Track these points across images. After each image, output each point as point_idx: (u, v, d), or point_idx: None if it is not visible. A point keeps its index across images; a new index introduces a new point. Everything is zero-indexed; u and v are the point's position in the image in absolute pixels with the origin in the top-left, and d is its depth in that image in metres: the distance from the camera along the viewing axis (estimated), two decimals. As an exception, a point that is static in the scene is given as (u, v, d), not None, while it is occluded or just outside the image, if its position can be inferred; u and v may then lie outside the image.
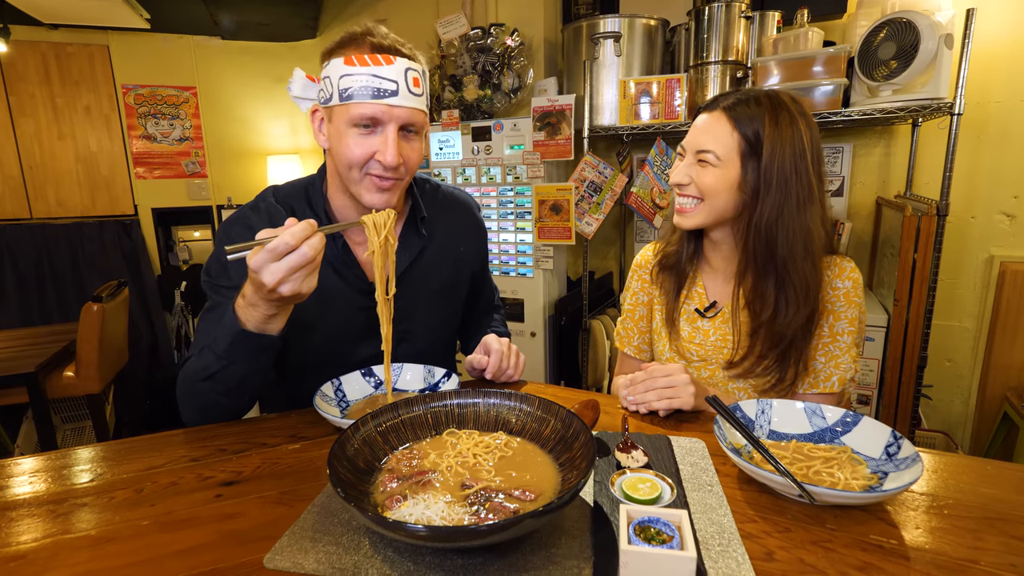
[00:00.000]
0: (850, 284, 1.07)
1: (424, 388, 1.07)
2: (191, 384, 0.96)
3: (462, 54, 2.95)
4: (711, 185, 1.06)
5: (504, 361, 1.14)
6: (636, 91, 2.48)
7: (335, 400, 1.00)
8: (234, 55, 3.91)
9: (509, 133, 2.79)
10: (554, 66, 3.08)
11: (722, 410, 0.84)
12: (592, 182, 2.64)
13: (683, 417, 0.99)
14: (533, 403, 0.83)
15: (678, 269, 1.20)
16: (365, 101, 0.95)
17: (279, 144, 4.10)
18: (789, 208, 1.02)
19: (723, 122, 1.05)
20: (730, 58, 2.30)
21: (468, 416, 0.85)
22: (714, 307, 1.17)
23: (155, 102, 3.75)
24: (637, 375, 1.02)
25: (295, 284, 0.82)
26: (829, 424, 0.85)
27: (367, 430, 0.78)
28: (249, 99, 3.99)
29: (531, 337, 2.87)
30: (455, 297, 1.26)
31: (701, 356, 1.16)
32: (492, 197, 2.89)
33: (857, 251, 2.54)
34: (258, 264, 0.80)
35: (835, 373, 1.07)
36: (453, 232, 1.23)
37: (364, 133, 0.97)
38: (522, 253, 2.88)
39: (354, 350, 1.10)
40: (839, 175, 2.54)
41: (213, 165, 3.91)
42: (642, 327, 1.30)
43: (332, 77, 0.97)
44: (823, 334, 1.08)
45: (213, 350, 0.92)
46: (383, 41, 0.98)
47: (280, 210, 1.08)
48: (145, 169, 3.76)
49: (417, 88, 0.98)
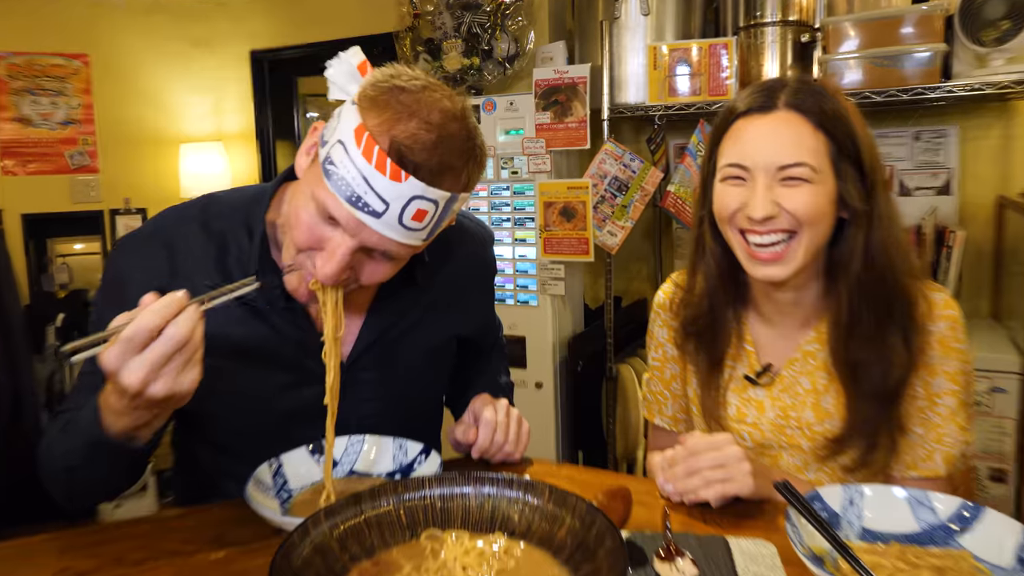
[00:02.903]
0: (945, 325, 1.07)
1: (394, 471, 1.07)
2: (52, 468, 1.00)
3: (441, 12, 3.00)
4: (813, 208, 1.03)
5: (500, 434, 1.13)
6: (670, 59, 2.52)
7: (273, 489, 0.99)
8: (140, 14, 3.95)
9: (504, 114, 2.82)
10: (562, 28, 3.12)
11: (796, 501, 0.84)
12: (615, 178, 2.66)
13: (743, 508, 0.98)
14: (542, 493, 0.82)
15: (713, 331, 1.18)
16: (336, 196, 0.91)
17: (197, 129, 4.13)
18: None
19: (798, 122, 1.05)
20: (792, 18, 2.35)
21: (455, 512, 0.84)
22: (769, 371, 1.17)
23: (33, 74, 3.79)
24: (675, 452, 1.01)
25: (167, 381, 0.80)
26: (941, 520, 0.84)
27: (319, 533, 0.78)
28: (159, 70, 4.03)
29: (536, 390, 2.87)
30: (444, 360, 1.27)
31: (758, 440, 1.16)
32: (482, 199, 2.91)
33: (974, 268, 2.56)
34: (113, 362, 0.78)
35: (937, 449, 1.07)
36: (458, 279, 1.23)
37: (321, 222, 0.95)
38: (522, 273, 2.89)
39: (297, 426, 1.10)
40: (943, 167, 2.58)
41: (107, 157, 3.94)
42: (676, 390, 1.30)
43: (342, 122, 0.93)
44: (916, 395, 1.08)
45: (72, 439, 0.95)
46: (427, 145, 0.90)
47: (197, 239, 1.07)
48: (15, 162, 3.77)
49: (416, 223, 0.93)
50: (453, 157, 0.93)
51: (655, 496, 1.03)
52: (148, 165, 4.03)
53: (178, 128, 4.09)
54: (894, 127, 2.64)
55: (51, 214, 3.83)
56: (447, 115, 0.93)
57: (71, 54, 3.82)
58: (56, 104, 3.82)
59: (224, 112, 4.19)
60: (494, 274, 1.36)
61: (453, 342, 1.27)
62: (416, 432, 1.13)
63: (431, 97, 0.94)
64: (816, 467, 1.13)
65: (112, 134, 3.94)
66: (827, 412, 1.11)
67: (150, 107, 4.03)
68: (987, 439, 2.07)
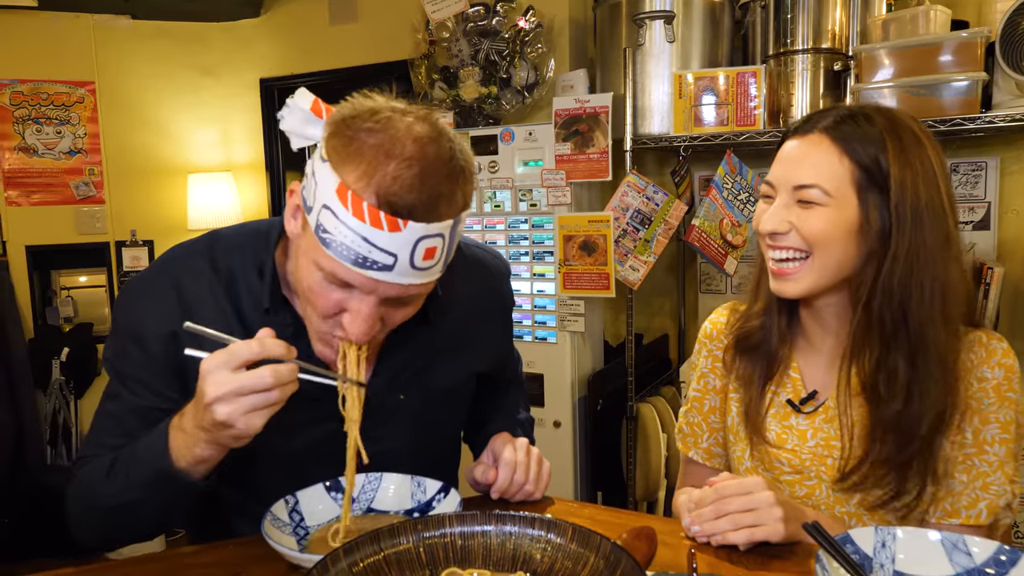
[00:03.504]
0: (1002, 373, 1.10)
1: (412, 509, 1.10)
2: (94, 510, 1.04)
3: (458, 39, 3.08)
4: (822, 231, 1.09)
5: (521, 473, 1.17)
6: (696, 88, 2.57)
7: (290, 526, 1.03)
8: (147, 39, 4.05)
9: (523, 144, 2.88)
10: (583, 55, 3.20)
11: (827, 543, 0.86)
12: (638, 211, 2.71)
13: (772, 550, 1.01)
14: (565, 532, 0.85)
15: (765, 350, 1.24)
16: (341, 262, 0.93)
17: (205, 158, 4.20)
18: (926, 253, 1.07)
19: (825, 146, 1.10)
20: (824, 45, 2.40)
21: (475, 550, 0.87)
22: (814, 399, 1.20)
23: (38, 102, 3.86)
24: (703, 493, 1.04)
25: (242, 410, 0.88)
26: (977, 564, 0.86)
27: (339, 570, 0.81)
28: (166, 98, 4.11)
29: (554, 428, 2.89)
30: (462, 399, 1.30)
31: (796, 467, 1.19)
32: (499, 232, 2.97)
33: (1014, 305, 2.57)
34: (211, 367, 0.88)
35: (983, 498, 1.09)
36: (473, 316, 1.26)
37: (334, 286, 0.98)
38: (541, 309, 2.93)
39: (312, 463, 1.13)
40: (982, 200, 2.60)
41: (113, 187, 4.01)
42: (714, 423, 1.33)
43: (319, 184, 0.93)
44: (965, 442, 1.11)
45: (128, 475, 0.99)
46: (414, 184, 0.90)
47: (204, 277, 1.10)
48: (19, 193, 3.85)
49: (429, 261, 0.95)
50: (442, 184, 0.93)
51: (680, 536, 1.05)
52: (155, 196, 4.07)
53: (186, 158, 4.15)
54: (930, 158, 2.66)
55: (56, 246, 3.89)
56: (421, 141, 0.93)
57: (77, 82, 3.90)
58: (61, 133, 3.89)
59: (233, 142, 4.25)
60: (511, 308, 1.38)
61: (472, 380, 1.30)
62: (433, 470, 1.17)
63: (398, 127, 0.93)
64: (856, 503, 1.14)
65: (118, 164, 4.00)
66: (857, 441, 1.13)
67: (157, 136, 4.09)
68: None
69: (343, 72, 3.84)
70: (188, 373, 1.06)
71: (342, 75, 3.85)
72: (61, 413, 3.85)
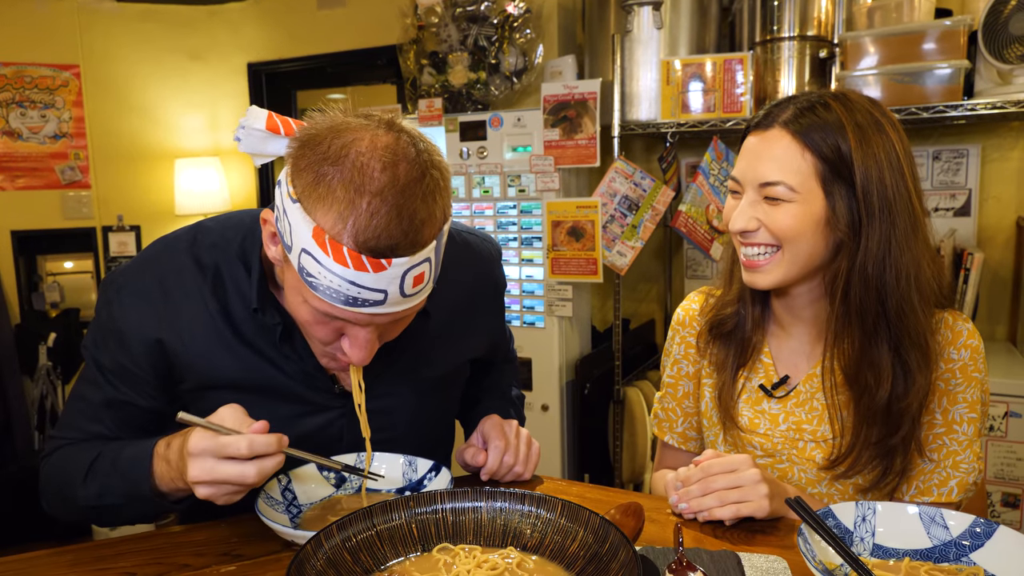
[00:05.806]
0: (968, 354, 1.13)
1: (404, 487, 1.11)
2: (69, 504, 1.09)
3: (446, 24, 3.07)
4: (790, 227, 1.10)
5: (510, 456, 1.18)
6: (684, 75, 2.58)
7: (283, 504, 1.04)
8: (133, 22, 4.02)
9: (511, 130, 2.89)
10: (572, 41, 3.20)
11: (809, 517, 0.89)
12: (625, 197, 2.72)
13: (756, 525, 1.03)
14: (555, 508, 0.87)
15: (739, 336, 1.25)
16: (329, 304, 0.92)
17: (193, 143, 4.18)
18: (896, 240, 1.08)
19: (786, 142, 1.10)
20: (810, 32, 2.42)
21: (467, 526, 0.89)
22: (785, 384, 1.23)
23: (22, 85, 3.83)
24: (689, 471, 1.06)
25: (216, 493, 0.94)
26: (954, 536, 0.89)
27: (332, 546, 0.82)
28: (153, 82, 4.09)
29: (542, 412, 2.91)
30: (456, 384, 1.31)
31: (768, 451, 1.21)
32: (487, 217, 2.97)
33: (992, 290, 2.61)
34: (195, 448, 0.92)
35: (954, 476, 1.12)
36: (467, 302, 1.26)
37: (330, 319, 0.98)
38: (529, 294, 2.95)
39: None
40: (963, 187, 2.63)
41: (100, 172, 3.98)
42: (688, 408, 1.35)
43: (294, 226, 0.90)
44: (935, 422, 1.13)
45: (107, 484, 1.03)
46: (391, 216, 0.87)
47: (188, 272, 1.09)
48: (4, 177, 3.82)
49: (419, 285, 0.94)
50: (419, 210, 0.89)
51: (666, 513, 1.07)
52: (142, 181, 4.06)
53: (173, 143, 4.13)
54: (913, 146, 2.67)
55: (42, 231, 3.87)
56: (388, 162, 0.88)
57: (61, 65, 3.86)
58: (46, 117, 3.85)
59: (220, 127, 4.23)
60: (503, 291, 1.38)
61: (466, 366, 1.31)
62: (427, 452, 1.18)
63: (359, 148, 0.89)
64: (827, 483, 1.17)
65: (104, 148, 3.98)
66: (844, 429, 1.15)
67: (144, 121, 4.07)
68: (1001, 464, 2.11)
69: (331, 57, 3.82)
70: (171, 380, 1.10)
71: (330, 60, 3.83)
72: (48, 398, 3.83)
